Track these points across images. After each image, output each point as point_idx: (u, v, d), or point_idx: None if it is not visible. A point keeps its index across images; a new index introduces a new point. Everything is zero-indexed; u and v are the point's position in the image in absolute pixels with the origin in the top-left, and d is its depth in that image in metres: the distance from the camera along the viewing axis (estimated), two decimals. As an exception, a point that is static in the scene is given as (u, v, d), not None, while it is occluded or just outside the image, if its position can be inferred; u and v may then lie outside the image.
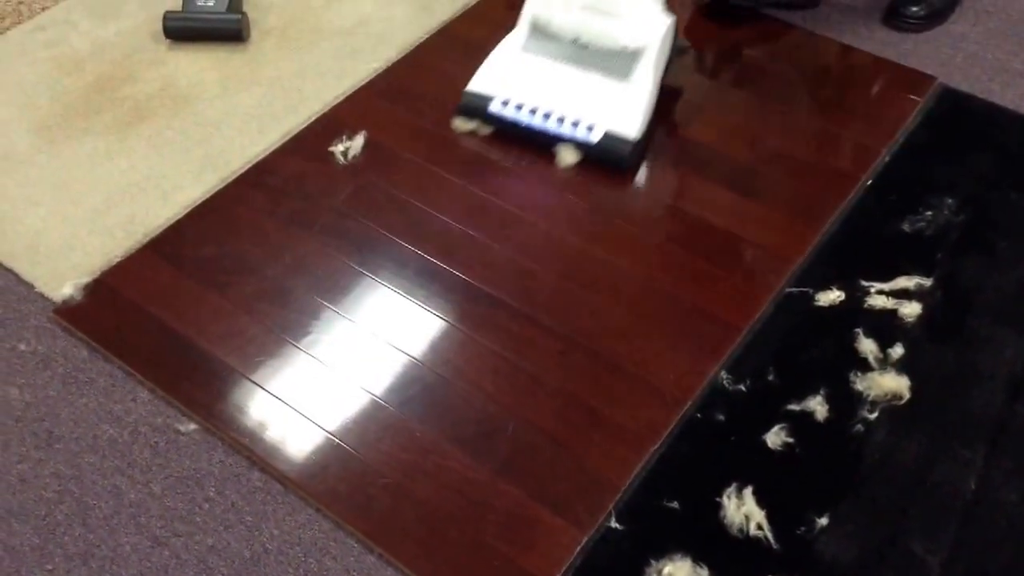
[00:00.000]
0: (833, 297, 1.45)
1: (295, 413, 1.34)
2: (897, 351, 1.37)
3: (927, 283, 1.46)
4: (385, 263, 1.52)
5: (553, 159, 1.66)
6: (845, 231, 1.55)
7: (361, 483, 1.26)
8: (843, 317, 1.42)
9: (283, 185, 1.65)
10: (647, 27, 1.65)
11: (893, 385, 1.33)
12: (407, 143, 1.71)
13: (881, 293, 1.45)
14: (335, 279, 1.50)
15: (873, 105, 1.76)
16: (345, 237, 1.56)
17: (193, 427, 1.34)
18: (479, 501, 1.24)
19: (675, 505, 1.23)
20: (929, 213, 1.56)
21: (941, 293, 1.45)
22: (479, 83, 1.71)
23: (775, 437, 1.29)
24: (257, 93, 1.83)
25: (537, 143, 1.67)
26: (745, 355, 1.39)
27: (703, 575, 1.16)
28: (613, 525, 1.22)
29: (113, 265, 1.53)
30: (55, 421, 1.36)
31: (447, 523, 1.22)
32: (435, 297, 1.47)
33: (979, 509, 1.22)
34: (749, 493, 1.23)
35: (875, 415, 1.31)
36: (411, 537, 1.21)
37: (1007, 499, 1.23)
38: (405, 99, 1.80)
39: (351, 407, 1.34)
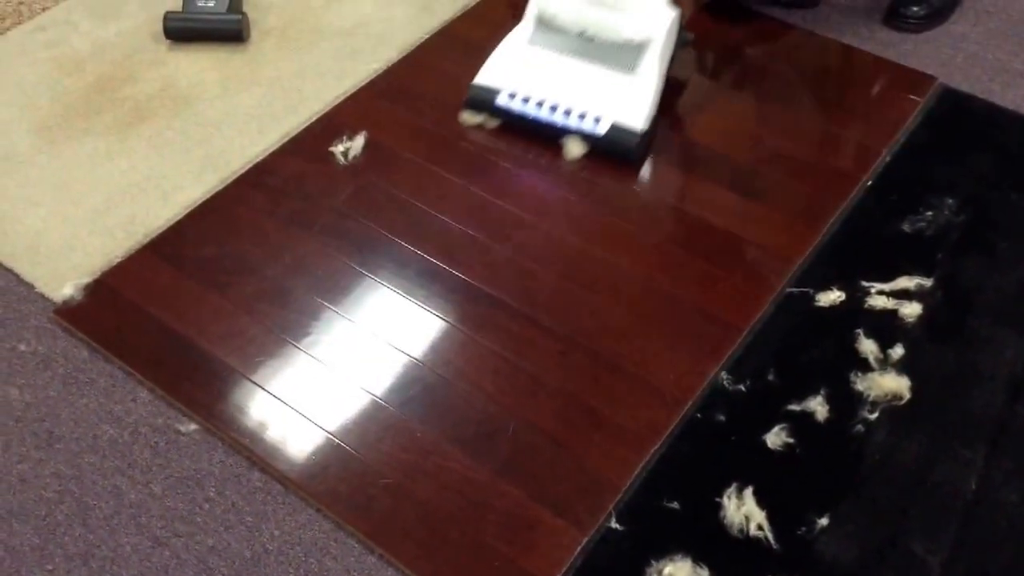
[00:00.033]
0: (833, 297, 1.45)
1: (295, 413, 1.34)
2: (897, 351, 1.37)
3: (927, 283, 1.46)
4: (385, 263, 1.52)
5: (560, 152, 1.66)
6: (845, 231, 1.55)
7: (361, 483, 1.26)
8: (843, 317, 1.42)
9: (283, 185, 1.65)
10: (652, 20, 1.66)
11: (893, 385, 1.33)
12: (407, 143, 1.71)
13: (881, 293, 1.45)
14: (335, 279, 1.50)
15: (874, 105, 1.76)
16: (345, 237, 1.56)
17: (193, 427, 1.34)
18: (479, 501, 1.24)
19: (675, 505, 1.23)
20: (929, 213, 1.56)
21: (941, 293, 1.45)
22: (486, 76, 1.72)
23: (775, 437, 1.29)
24: (257, 93, 1.83)
25: (544, 136, 1.67)
26: (745, 355, 1.39)
27: (703, 575, 1.17)
28: (613, 525, 1.22)
29: (113, 265, 1.53)
30: (55, 421, 1.36)
31: (447, 523, 1.22)
32: (435, 297, 1.47)
33: (979, 509, 1.22)
34: (749, 493, 1.23)
35: (875, 415, 1.31)
36: (411, 537, 1.21)
37: (1007, 499, 1.23)
38: (405, 99, 1.80)
39: (351, 407, 1.34)
